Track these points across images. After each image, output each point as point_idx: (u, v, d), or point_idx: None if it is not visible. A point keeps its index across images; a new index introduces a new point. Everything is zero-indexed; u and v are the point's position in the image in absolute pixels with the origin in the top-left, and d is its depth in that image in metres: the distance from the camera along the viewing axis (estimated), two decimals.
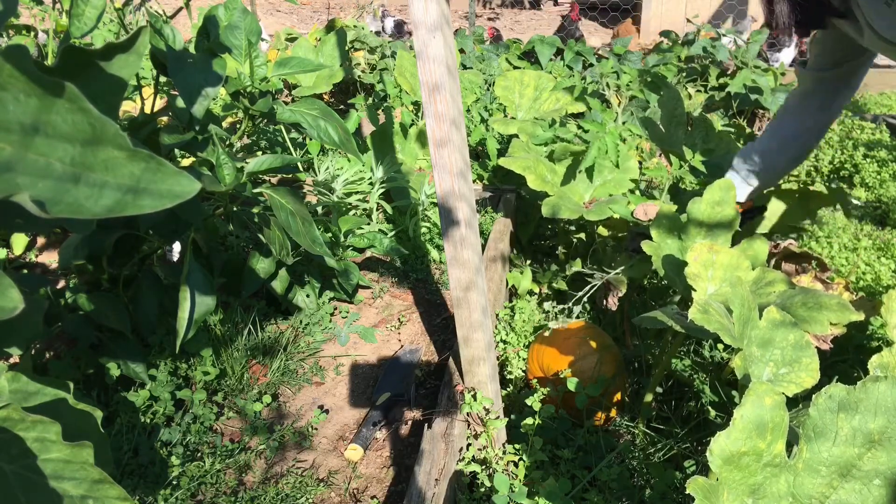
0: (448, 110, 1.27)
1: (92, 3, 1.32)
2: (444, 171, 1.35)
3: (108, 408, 1.70)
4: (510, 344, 2.00)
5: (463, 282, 1.47)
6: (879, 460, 0.84)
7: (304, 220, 1.71)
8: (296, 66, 1.82)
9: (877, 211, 2.92)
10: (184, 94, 1.49)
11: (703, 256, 1.42)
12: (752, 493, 0.84)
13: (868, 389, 0.85)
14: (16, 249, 2.29)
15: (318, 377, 1.99)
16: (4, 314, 0.50)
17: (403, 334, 2.20)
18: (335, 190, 2.56)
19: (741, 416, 0.82)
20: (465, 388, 1.64)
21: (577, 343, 1.75)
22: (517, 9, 9.37)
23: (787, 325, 1.14)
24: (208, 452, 1.67)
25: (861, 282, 2.32)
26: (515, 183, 2.82)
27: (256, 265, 1.91)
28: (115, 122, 0.45)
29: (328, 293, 2.21)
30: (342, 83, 3.91)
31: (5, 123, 0.44)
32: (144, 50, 0.81)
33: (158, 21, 1.54)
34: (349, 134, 1.85)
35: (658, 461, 1.55)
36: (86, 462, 0.76)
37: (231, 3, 1.73)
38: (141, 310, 1.71)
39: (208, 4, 1.88)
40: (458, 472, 1.52)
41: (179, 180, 0.46)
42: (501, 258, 2.26)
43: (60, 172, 0.45)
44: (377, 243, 2.47)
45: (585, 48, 4.30)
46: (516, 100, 2.78)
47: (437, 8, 1.17)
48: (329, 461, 1.70)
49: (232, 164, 1.62)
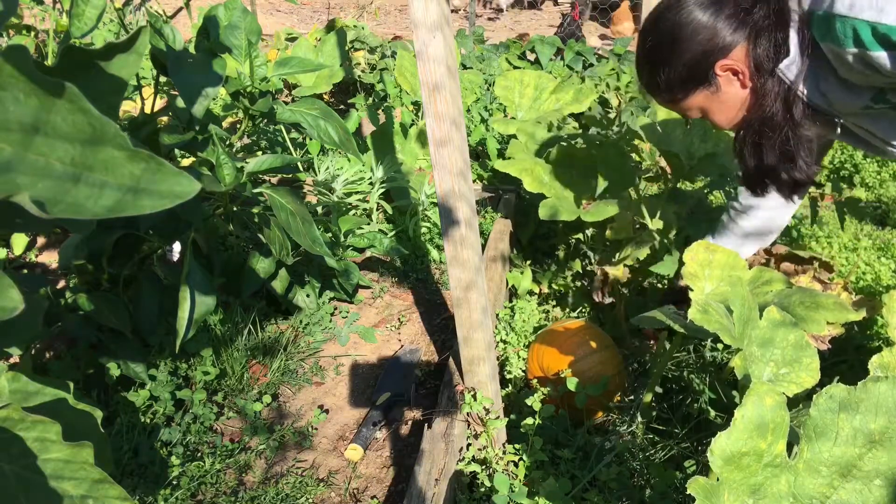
0: (448, 110, 1.27)
1: (92, 3, 1.32)
2: (444, 170, 1.35)
3: (108, 408, 1.70)
4: (510, 344, 2.00)
5: (463, 281, 1.47)
6: (880, 460, 0.84)
7: (304, 220, 1.71)
8: (296, 66, 1.82)
9: (877, 211, 2.92)
10: (184, 94, 1.49)
11: (701, 256, 1.42)
12: (752, 494, 0.83)
13: (869, 389, 0.85)
14: (16, 249, 2.29)
15: (318, 377, 1.99)
16: (4, 314, 0.50)
17: (403, 334, 2.20)
18: (335, 190, 2.56)
19: (742, 416, 0.82)
20: (465, 388, 1.64)
21: (577, 342, 1.75)
22: (517, 9, 9.37)
23: (788, 324, 1.14)
24: (208, 452, 1.67)
25: (861, 282, 2.32)
26: (515, 183, 2.82)
27: (256, 265, 1.91)
28: (115, 122, 0.45)
29: (328, 293, 2.21)
30: (342, 83, 3.90)
31: (5, 123, 0.44)
32: (144, 50, 0.81)
33: (158, 21, 1.54)
34: (349, 134, 1.85)
35: (658, 461, 1.55)
36: (86, 462, 0.76)
37: (231, 3, 1.73)
38: (141, 310, 1.70)
39: (208, 4, 1.88)
40: (458, 472, 1.52)
41: (179, 180, 0.46)
42: (501, 258, 2.26)
43: (60, 172, 0.45)
44: (377, 243, 2.47)
45: (585, 48, 4.30)
46: (516, 100, 2.78)
47: (437, 8, 1.17)
48: (329, 461, 1.70)
49: (232, 164, 1.62)
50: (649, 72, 1.31)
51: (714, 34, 1.20)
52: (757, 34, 1.19)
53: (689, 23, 1.21)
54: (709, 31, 1.20)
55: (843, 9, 1.07)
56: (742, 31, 1.20)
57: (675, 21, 1.22)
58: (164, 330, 1.81)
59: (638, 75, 1.36)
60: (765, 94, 1.23)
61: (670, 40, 1.24)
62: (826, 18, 1.11)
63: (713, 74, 1.24)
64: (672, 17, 1.23)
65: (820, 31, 1.14)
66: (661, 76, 1.28)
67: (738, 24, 1.19)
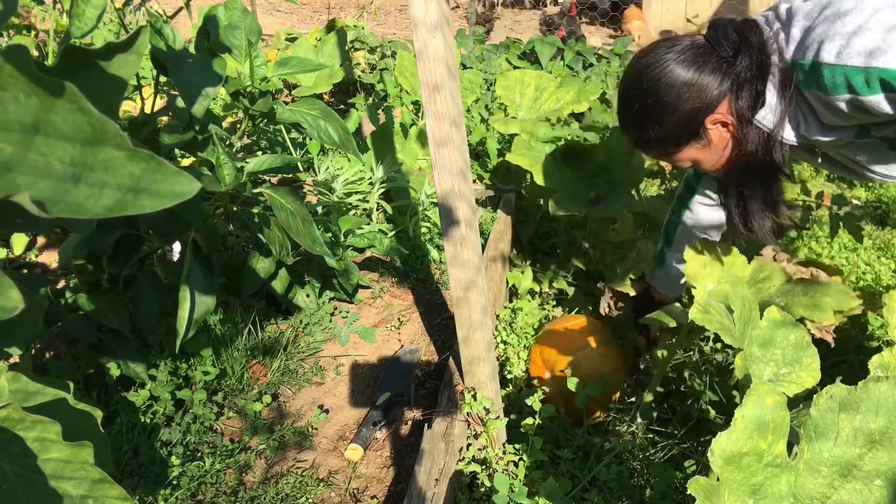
0: (448, 110, 1.27)
1: (92, 3, 1.32)
2: (444, 170, 1.35)
3: (108, 408, 1.70)
4: (510, 344, 1.99)
5: (463, 281, 1.47)
6: (880, 460, 0.84)
7: (304, 220, 1.71)
8: (296, 66, 1.82)
9: (877, 211, 2.92)
10: (184, 94, 1.49)
11: (700, 256, 1.42)
12: (753, 494, 0.83)
13: (869, 389, 0.85)
14: (16, 249, 2.28)
15: (318, 377, 1.99)
16: (4, 314, 0.50)
17: (403, 334, 2.20)
18: (335, 190, 2.56)
19: (742, 416, 0.82)
20: (465, 388, 1.64)
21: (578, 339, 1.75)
22: (517, 9, 9.37)
23: (788, 324, 1.14)
24: (208, 452, 1.67)
25: (861, 282, 2.32)
26: (516, 183, 2.82)
27: (256, 265, 1.91)
28: (115, 122, 0.45)
29: (328, 293, 2.20)
30: (342, 83, 3.90)
31: (5, 123, 0.44)
32: (144, 50, 0.81)
33: (158, 21, 1.54)
34: (349, 134, 1.85)
35: (658, 461, 1.55)
36: (86, 462, 0.76)
37: (231, 3, 1.73)
38: (141, 310, 1.70)
39: (208, 4, 1.88)
40: (458, 472, 1.52)
41: (179, 180, 0.46)
42: (501, 258, 2.26)
43: (60, 172, 0.44)
44: (377, 243, 2.47)
45: (585, 48, 4.30)
46: (517, 99, 2.77)
47: (437, 8, 1.17)
48: (329, 461, 1.70)
49: (232, 164, 1.62)
50: (638, 132, 1.30)
51: (701, 91, 1.19)
52: (739, 86, 1.18)
53: (673, 84, 1.20)
54: (695, 89, 1.19)
55: (830, 57, 1.06)
56: (726, 83, 1.19)
57: (658, 84, 1.21)
58: (164, 330, 1.81)
59: (624, 134, 1.34)
60: (746, 143, 1.23)
61: (657, 102, 1.22)
62: (813, 68, 1.10)
63: (703, 129, 1.24)
64: (655, 79, 1.21)
65: (806, 81, 1.13)
66: (652, 136, 1.27)
67: (723, 77, 1.19)
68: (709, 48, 1.20)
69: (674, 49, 1.21)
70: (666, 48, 1.22)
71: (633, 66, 1.28)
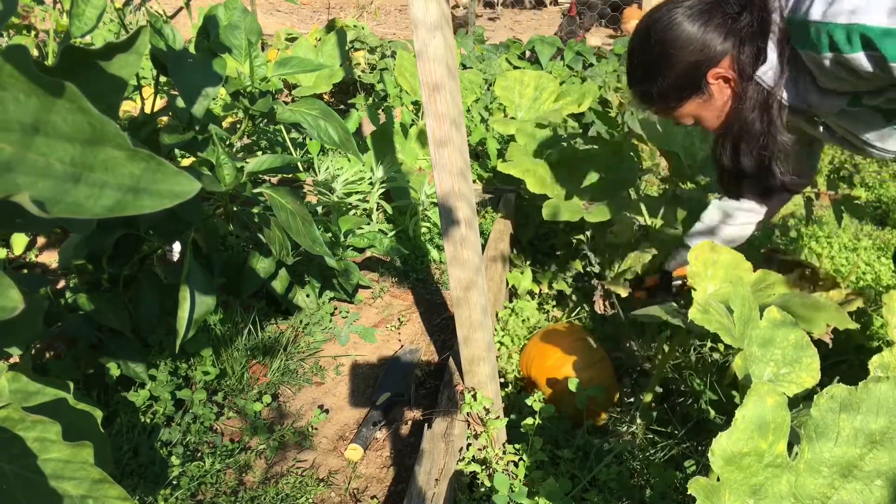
0: (448, 110, 1.27)
1: (92, 3, 1.32)
2: (444, 170, 1.35)
3: (108, 408, 1.70)
4: (510, 345, 1.99)
5: (463, 281, 1.47)
6: (881, 461, 0.84)
7: (304, 220, 1.71)
8: (296, 66, 1.82)
9: (877, 211, 2.92)
10: (184, 94, 1.49)
11: (705, 255, 1.42)
12: (753, 494, 0.83)
13: (869, 390, 0.85)
14: (16, 249, 2.28)
15: (318, 377, 1.99)
16: (4, 314, 0.50)
17: (403, 334, 2.20)
18: (335, 190, 2.56)
19: (743, 416, 0.82)
20: (465, 388, 1.64)
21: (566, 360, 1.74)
22: (517, 9, 9.37)
23: (788, 324, 1.14)
24: (208, 452, 1.67)
25: (861, 282, 2.32)
26: (515, 183, 2.82)
27: (256, 265, 1.91)
28: (115, 122, 0.45)
29: (328, 293, 2.20)
30: (342, 83, 3.90)
31: (5, 123, 0.44)
32: (144, 50, 0.81)
33: (158, 21, 1.54)
34: (349, 134, 1.85)
35: (658, 461, 1.55)
36: (86, 462, 0.76)
37: (231, 3, 1.73)
38: (141, 310, 1.70)
39: (208, 4, 1.88)
40: (458, 472, 1.52)
41: (179, 180, 0.46)
42: (501, 258, 2.26)
43: (60, 172, 0.44)
44: (377, 243, 2.47)
45: (585, 48, 4.30)
46: (516, 100, 2.77)
47: (437, 8, 1.17)
48: (329, 461, 1.70)
49: (232, 164, 1.62)
50: (644, 86, 1.33)
51: (705, 45, 1.22)
52: (742, 41, 1.21)
53: (679, 36, 1.23)
54: (700, 43, 1.22)
55: (817, 15, 1.09)
56: (730, 40, 1.22)
57: (665, 36, 1.24)
58: (164, 330, 1.81)
59: (630, 87, 1.38)
60: (745, 98, 1.26)
61: (663, 54, 1.25)
62: (802, 25, 1.12)
63: (706, 83, 1.26)
64: (662, 32, 1.24)
65: (798, 39, 1.16)
66: (655, 88, 1.30)
67: (727, 33, 1.21)
68: (716, 4, 1.23)
69: (683, 4, 1.24)
70: (675, 3, 1.25)
71: (643, 20, 1.31)
